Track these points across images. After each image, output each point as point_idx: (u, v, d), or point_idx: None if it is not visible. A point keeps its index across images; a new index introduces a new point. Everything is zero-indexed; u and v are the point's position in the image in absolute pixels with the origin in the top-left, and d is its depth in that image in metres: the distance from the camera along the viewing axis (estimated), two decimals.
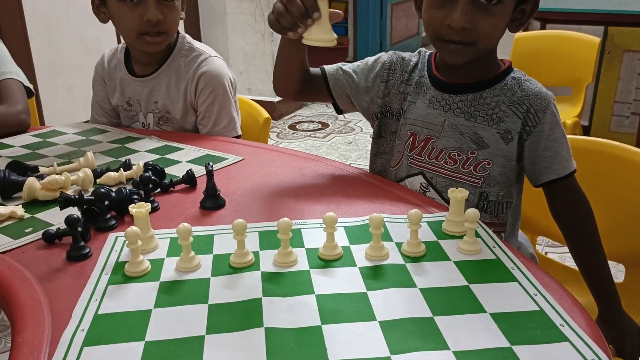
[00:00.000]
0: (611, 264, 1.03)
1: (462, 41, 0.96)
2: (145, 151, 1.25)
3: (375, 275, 0.74)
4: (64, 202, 0.89)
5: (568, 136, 1.01)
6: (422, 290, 0.71)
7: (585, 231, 1.01)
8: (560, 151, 0.99)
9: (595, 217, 1.00)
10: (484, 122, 1.00)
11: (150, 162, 1.08)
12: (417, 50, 1.13)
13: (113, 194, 0.92)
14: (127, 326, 0.65)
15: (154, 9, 1.34)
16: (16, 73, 1.52)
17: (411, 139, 1.06)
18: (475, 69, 1.02)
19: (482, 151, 1.00)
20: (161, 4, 1.36)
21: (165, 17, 1.37)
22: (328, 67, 1.14)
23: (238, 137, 1.45)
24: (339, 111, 1.19)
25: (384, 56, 1.13)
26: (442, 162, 1.03)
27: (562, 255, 1.99)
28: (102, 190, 0.89)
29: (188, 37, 1.51)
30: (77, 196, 0.89)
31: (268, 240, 0.83)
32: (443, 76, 1.05)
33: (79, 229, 0.81)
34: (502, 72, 1.03)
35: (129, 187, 0.99)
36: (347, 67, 1.14)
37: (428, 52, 1.12)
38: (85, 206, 0.89)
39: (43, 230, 0.86)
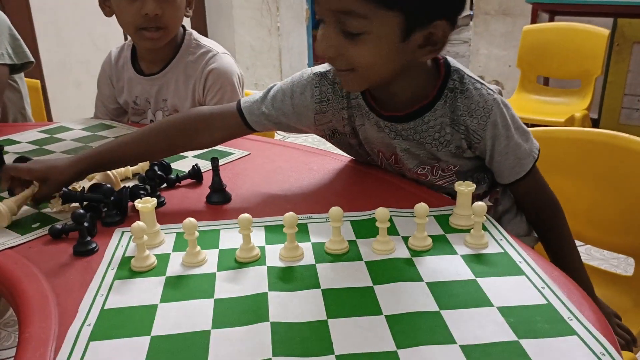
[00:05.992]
0: (621, 257, 1.02)
1: (341, 69, 0.88)
2: None
3: (382, 269, 0.74)
4: (64, 197, 0.90)
5: (575, 128, 1.00)
6: (428, 284, 0.70)
7: (551, 228, 1.01)
8: (502, 161, 0.95)
9: (605, 210, 0.99)
10: (434, 146, 0.96)
11: None
12: None
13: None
14: (133, 321, 0.65)
15: (152, 3, 1.32)
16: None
17: (381, 155, 1.04)
18: (402, 95, 0.94)
19: (442, 162, 0.98)
20: None
21: (165, 12, 1.35)
22: (247, 113, 1.01)
23: None
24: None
25: (309, 85, 1.00)
26: (418, 171, 1.00)
27: None
28: (108, 186, 0.89)
29: (195, 34, 1.50)
30: (78, 192, 0.89)
31: (274, 234, 0.83)
32: (376, 104, 0.96)
33: (86, 224, 0.81)
34: (440, 86, 0.93)
35: (133, 182, 1.00)
36: (268, 106, 1.01)
37: None
38: (85, 203, 0.90)
39: (50, 226, 0.86)
